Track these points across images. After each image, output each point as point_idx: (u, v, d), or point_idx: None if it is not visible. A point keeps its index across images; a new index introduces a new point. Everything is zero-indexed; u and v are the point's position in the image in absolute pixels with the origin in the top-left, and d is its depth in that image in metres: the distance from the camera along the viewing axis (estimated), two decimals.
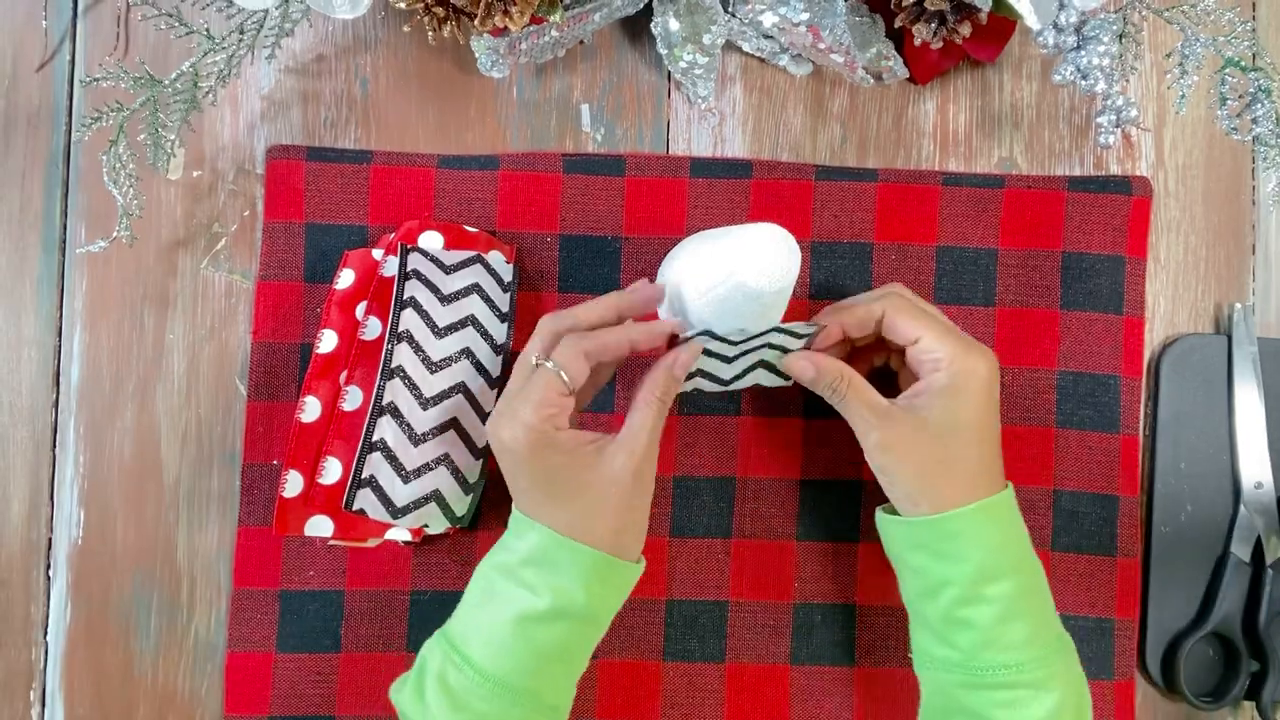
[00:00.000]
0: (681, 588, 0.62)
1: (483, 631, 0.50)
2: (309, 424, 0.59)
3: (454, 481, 0.57)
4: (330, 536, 0.58)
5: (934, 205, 0.64)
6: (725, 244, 0.52)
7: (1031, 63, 0.66)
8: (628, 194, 0.63)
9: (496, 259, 0.62)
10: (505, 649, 0.49)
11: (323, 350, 0.60)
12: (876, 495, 0.63)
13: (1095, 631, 0.62)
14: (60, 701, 0.62)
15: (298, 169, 0.63)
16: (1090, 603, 0.62)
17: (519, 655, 0.49)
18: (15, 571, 0.63)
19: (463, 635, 0.51)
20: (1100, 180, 0.64)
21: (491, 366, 0.59)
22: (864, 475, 0.63)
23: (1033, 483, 0.63)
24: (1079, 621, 0.62)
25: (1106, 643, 0.62)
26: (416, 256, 0.60)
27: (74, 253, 0.64)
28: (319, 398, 0.59)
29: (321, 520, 0.58)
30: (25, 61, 0.64)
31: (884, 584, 0.62)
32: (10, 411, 0.63)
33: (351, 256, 0.61)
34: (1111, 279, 0.63)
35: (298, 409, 0.59)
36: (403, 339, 0.57)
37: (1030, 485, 0.63)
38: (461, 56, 0.65)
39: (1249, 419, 0.64)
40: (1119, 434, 0.63)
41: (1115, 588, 0.62)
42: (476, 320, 0.59)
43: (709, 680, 0.62)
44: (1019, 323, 0.63)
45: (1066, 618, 0.62)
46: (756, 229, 0.52)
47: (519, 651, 0.49)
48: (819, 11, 0.61)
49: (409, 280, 0.59)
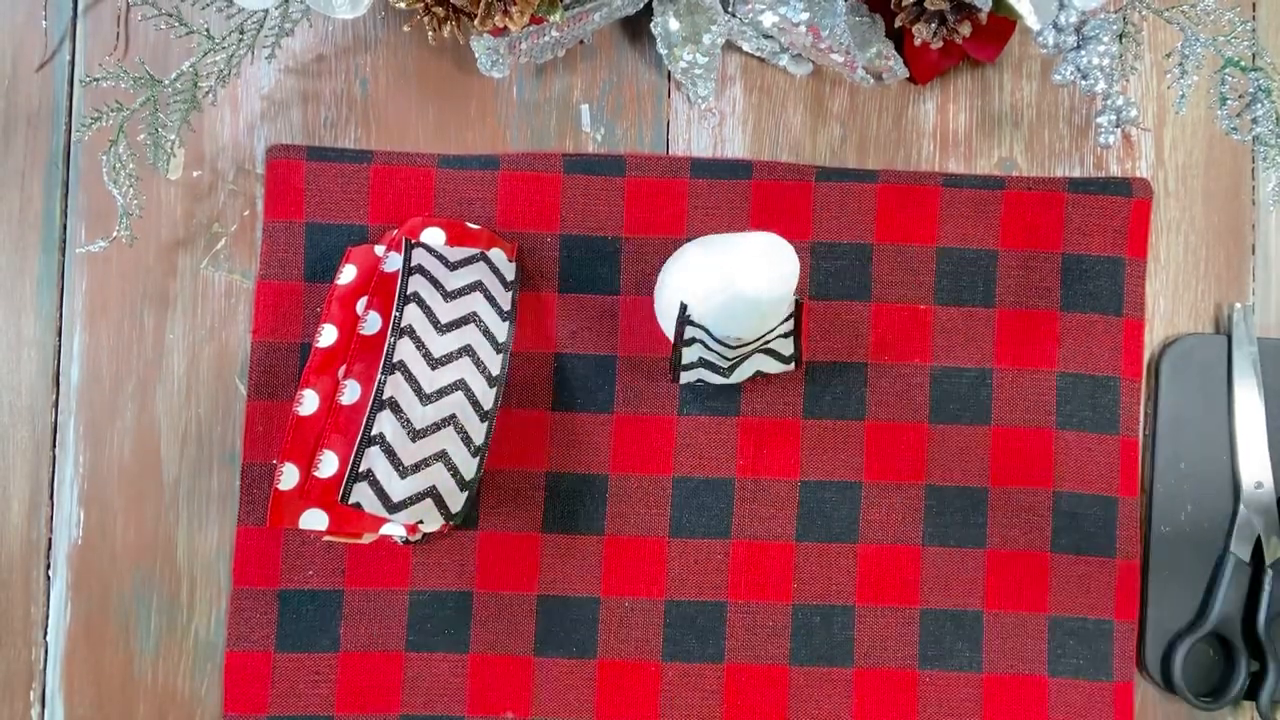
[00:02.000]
0: (680, 588, 0.62)
1: None
2: (306, 417, 0.59)
3: (450, 478, 0.57)
4: (325, 531, 0.58)
5: (934, 206, 0.64)
6: (724, 253, 0.52)
7: (1031, 63, 0.66)
8: (628, 194, 0.63)
9: (499, 257, 0.62)
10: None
11: (322, 344, 0.60)
12: (875, 496, 0.63)
13: (1094, 634, 0.62)
14: (60, 701, 0.62)
15: (298, 168, 0.63)
16: (1089, 605, 0.62)
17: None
18: (15, 571, 0.63)
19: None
20: (1100, 182, 0.64)
21: (491, 365, 0.59)
22: (863, 477, 0.63)
23: (1032, 484, 0.63)
24: (1078, 623, 0.62)
25: (1105, 645, 0.62)
26: (421, 252, 0.60)
27: (74, 253, 0.64)
28: (317, 391, 0.59)
29: (316, 514, 0.58)
30: (25, 61, 0.64)
31: (883, 585, 0.62)
32: (10, 411, 0.63)
33: (354, 253, 0.62)
34: (1111, 280, 0.63)
35: (295, 402, 0.59)
36: (405, 334, 0.57)
37: (1030, 487, 0.63)
38: (461, 56, 0.65)
39: (1249, 419, 0.64)
40: (1119, 435, 0.63)
41: (1114, 590, 0.62)
42: (479, 318, 0.59)
43: (708, 681, 0.62)
44: (1019, 324, 0.63)
45: (1065, 620, 0.62)
46: (755, 238, 0.52)
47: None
48: (819, 11, 0.61)
49: (413, 275, 0.59)
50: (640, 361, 0.63)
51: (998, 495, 0.63)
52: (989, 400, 0.63)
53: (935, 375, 0.63)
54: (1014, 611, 0.62)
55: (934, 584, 0.63)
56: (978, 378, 0.63)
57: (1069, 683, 0.62)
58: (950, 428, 0.63)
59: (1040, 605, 0.62)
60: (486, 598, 0.62)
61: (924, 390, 0.63)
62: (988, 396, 0.63)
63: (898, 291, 0.63)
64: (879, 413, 0.63)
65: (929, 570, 0.63)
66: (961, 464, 0.63)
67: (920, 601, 0.63)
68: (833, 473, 0.63)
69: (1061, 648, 0.62)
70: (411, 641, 0.62)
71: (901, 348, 0.63)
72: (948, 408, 0.63)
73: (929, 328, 0.63)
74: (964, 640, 0.62)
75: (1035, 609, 0.62)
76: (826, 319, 0.63)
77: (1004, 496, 0.63)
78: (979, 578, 0.63)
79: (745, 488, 0.63)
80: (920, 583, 0.63)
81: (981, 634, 0.62)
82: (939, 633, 0.62)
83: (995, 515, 0.63)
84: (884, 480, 0.63)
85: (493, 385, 0.59)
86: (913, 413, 0.63)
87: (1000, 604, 0.62)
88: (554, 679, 0.62)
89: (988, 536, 0.63)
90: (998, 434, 0.63)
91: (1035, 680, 0.62)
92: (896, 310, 0.63)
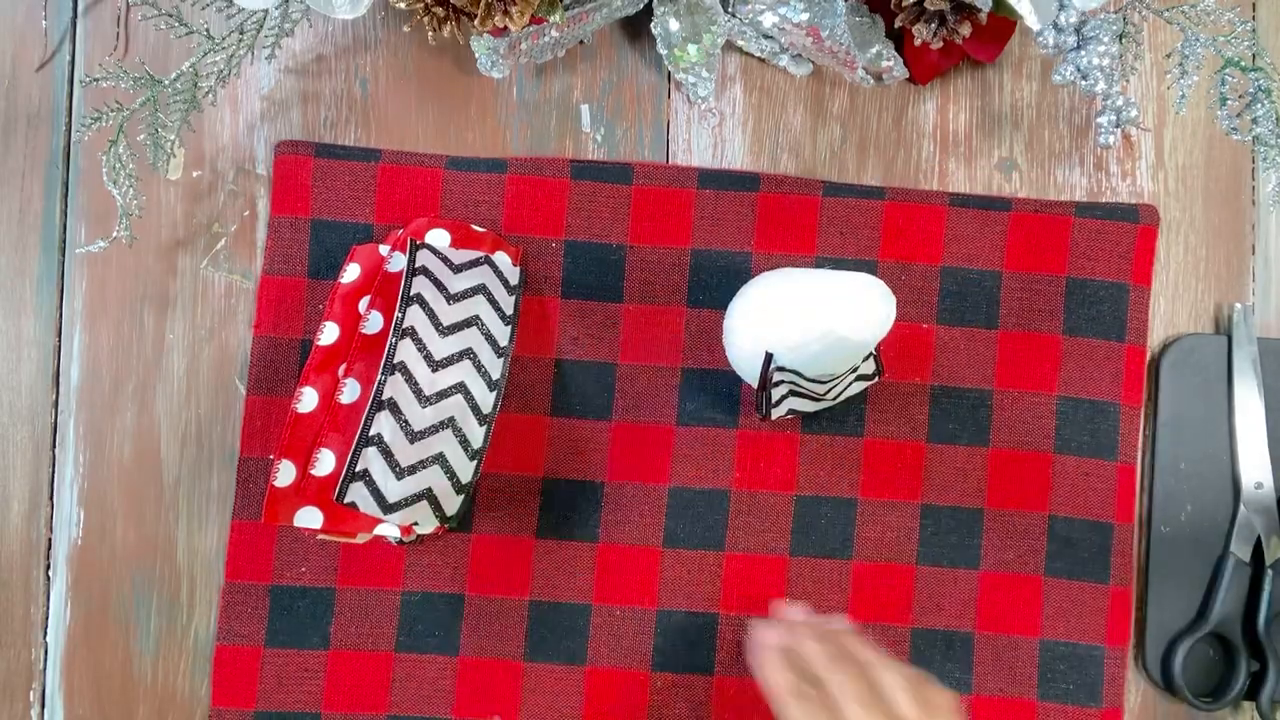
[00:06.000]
0: (672, 598, 0.62)
1: None
2: (305, 414, 0.59)
3: (447, 481, 0.57)
4: (319, 529, 0.58)
5: (939, 225, 0.64)
6: (820, 297, 0.52)
7: (1031, 63, 0.66)
8: (634, 203, 0.63)
9: (503, 260, 0.62)
10: None
11: (324, 342, 0.60)
12: (871, 513, 0.62)
13: (1086, 659, 0.62)
14: (60, 701, 0.62)
15: (305, 165, 0.63)
16: (1081, 630, 0.62)
17: None
18: (15, 571, 0.63)
19: None
20: (1107, 207, 0.64)
21: (492, 368, 0.59)
22: (859, 493, 0.63)
23: (1028, 508, 0.62)
24: (1069, 649, 0.62)
25: (1096, 671, 0.62)
26: (425, 254, 0.60)
27: (74, 253, 0.64)
28: (316, 389, 0.59)
29: (311, 512, 0.57)
30: (25, 61, 0.64)
31: (874, 602, 0.62)
32: (10, 411, 0.63)
33: (359, 252, 0.62)
34: (1115, 306, 0.63)
35: (294, 399, 0.59)
36: (407, 335, 0.57)
37: (1026, 510, 0.62)
38: (461, 56, 0.65)
39: (1249, 419, 0.64)
40: (1116, 462, 0.63)
41: (1107, 616, 0.62)
42: (481, 321, 0.59)
43: (697, 692, 0.62)
44: (1020, 346, 0.63)
45: (1057, 644, 0.62)
46: (853, 281, 0.52)
47: None
48: (819, 11, 0.61)
49: (417, 276, 0.59)
50: (640, 370, 0.63)
51: (993, 517, 0.63)
52: (988, 421, 0.63)
53: (935, 394, 0.63)
54: (1005, 634, 0.62)
55: (926, 603, 0.62)
56: (978, 398, 0.63)
57: (1058, 708, 0.62)
58: (948, 448, 0.63)
59: (1032, 629, 0.62)
60: (478, 601, 0.62)
61: (923, 409, 0.63)
62: (987, 417, 0.63)
63: (901, 310, 0.63)
64: (877, 430, 0.63)
65: (922, 589, 0.62)
66: (958, 484, 0.63)
67: (912, 620, 0.62)
68: (829, 488, 0.63)
69: (1052, 672, 0.62)
70: (401, 642, 0.62)
71: (902, 366, 0.63)
72: (946, 427, 0.63)
73: (930, 347, 0.63)
74: (954, 661, 0.62)
75: (1027, 632, 0.62)
76: None
77: (999, 518, 0.63)
78: (971, 599, 0.62)
79: (741, 500, 0.63)
80: (913, 602, 0.62)
81: (972, 655, 0.62)
82: (930, 652, 0.62)
83: (990, 537, 0.62)
84: (880, 498, 0.63)
85: (493, 389, 0.59)
86: (911, 431, 0.63)
87: (992, 626, 0.62)
88: (543, 685, 0.62)
89: (982, 558, 0.62)
90: (995, 456, 0.63)
91: (1024, 704, 0.62)
92: (899, 328, 0.63)
